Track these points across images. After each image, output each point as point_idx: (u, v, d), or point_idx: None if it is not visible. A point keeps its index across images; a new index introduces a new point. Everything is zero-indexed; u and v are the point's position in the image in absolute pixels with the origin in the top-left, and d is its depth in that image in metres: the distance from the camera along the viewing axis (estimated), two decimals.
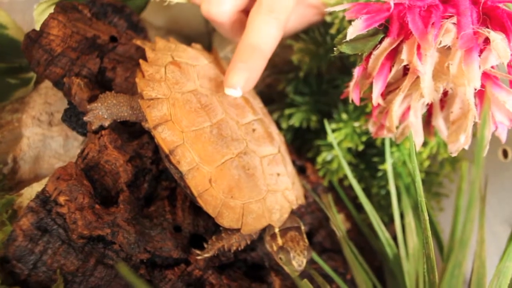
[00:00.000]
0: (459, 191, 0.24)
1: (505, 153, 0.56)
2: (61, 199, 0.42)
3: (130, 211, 0.44)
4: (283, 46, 0.70)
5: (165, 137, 0.44)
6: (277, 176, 0.48)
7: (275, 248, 0.46)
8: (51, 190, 0.42)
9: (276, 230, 0.47)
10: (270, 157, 0.48)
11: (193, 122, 0.45)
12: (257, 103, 0.54)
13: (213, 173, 0.45)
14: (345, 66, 0.66)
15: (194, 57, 0.51)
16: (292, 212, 0.50)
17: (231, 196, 0.45)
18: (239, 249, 0.47)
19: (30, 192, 0.51)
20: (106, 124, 0.48)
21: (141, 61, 0.48)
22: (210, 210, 0.45)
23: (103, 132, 0.47)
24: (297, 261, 0.44)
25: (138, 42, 0.54)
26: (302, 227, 0.48)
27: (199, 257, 0.46)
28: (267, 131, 0.50)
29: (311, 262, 0.51)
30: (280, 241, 0.46)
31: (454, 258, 0.23)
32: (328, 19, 0.56)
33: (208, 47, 0.78)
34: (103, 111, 0.47)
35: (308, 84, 0.66)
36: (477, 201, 0.23)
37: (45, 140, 0.59)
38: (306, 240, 0.46)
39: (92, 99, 0.49)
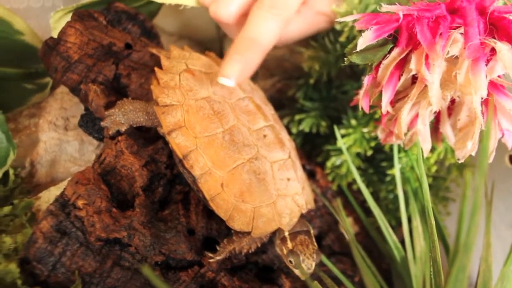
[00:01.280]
0: (464, 198, 0.25)
1: (511, 159, 0.56)
2: (80, 203, 0.43)
3: (146, 215, 0.46)
4: (293, 52, 0.71)
5: (179, 142, 0.46)
6: (287, 181, 0.49)
7: (285, 251, 0.47)
8: (70, 194, 0.44)
9: (286, 233, 0.47)
10: (281, 163, 0.49)
11: (206, 128, 0.47)
12: (268, 110, 0.55)
13: (225, 177, 0.46)
14: (354, 72, 0.67)
15: (207, 64, 0.52)
16: (302, 216, 0.50)
17: (242, 200, 0.46)
18: (250, 251, 0.49)
19: (48, 196, 0.52)
20: (123, 129, 0.49)
21: (156, 69, 0.50)
22: (222, 214, 0.46)
23: (119, 138, 0.48)
24: (306, 264, 0.45)
25: (154, 51, 0.55)
26: (311, 231, 0.49)
27: (211, 260, 0.47)
28: (277, 137, 0.51)
29: (320, 264, 0.52)
30: (290, 244, 0.47)
31: (459, 262, 0.24)
32: (338, 27, 0.57)
33: (220, 52, 0.79)
34: (120, 116, 0.49)
35: (318, 90, 0.67)
36: (481, 207, 0.24)
37: (61, 145, 0.60)
38: (315, 244, 0.47)
39: (109, 105, 0.50)
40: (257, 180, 0.47)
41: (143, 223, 0.45)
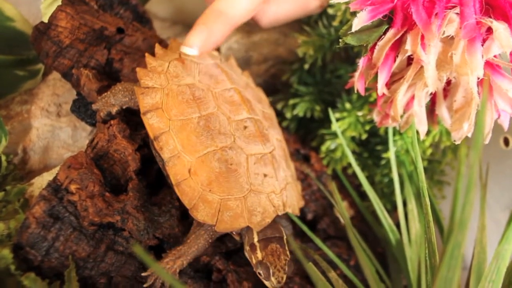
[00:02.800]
0: (458, 175, 0.25)
1: (506, 142, 0.56)
2: (72, 187, 0.43)
3: (139, 199, 0.45)
4: (287, 37, 0.71)
5: (152, 123, 0.45)
6: (263, 177, 0.47)
7: (254, 261, 0.44)
8: (62, 179, 0.43)
9: (256, 240, 0.44)
10: (258, 156, 0.47)
11: (182, 112, 0.46)
12: (260, 107, 0.53)
13: (193, 163, 0.44)
14: (349, 56, 0.67)
15: (201, 56, 0.52)
16: (278, 218, 0.48)
17: (209, 189, 0.44)
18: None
19: (41, 182, 0.52)
20: (114, 111, 0.49)
21: (147, 54, 0.49)
22: (186, 201, 0.44)
23: (112, 122, 0.48)
24: (276, 277, 0.42)
25: (157, 47, 0.53)
26: (285, 237, 0.46)
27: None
28: (261, 131, 0.49)
29: (315, 248, 0.52)
30: (259, 254, 0.44)
31: (454, 239, 0.24)
32: (331, 11, 0.57)
33: None
34: (111, 98, 0.48)
35: (312, 74, 0.66)
36: (476, 184, 0.24)
37: (54, 131, 0.60)
38: (288, 253, 0.44)
39: (101, 89, 0.50)
40: (227, 170, 0.45)
41: (136, 207, 0.45)
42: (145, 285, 0.43)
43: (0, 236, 0.45)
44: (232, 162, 0.45)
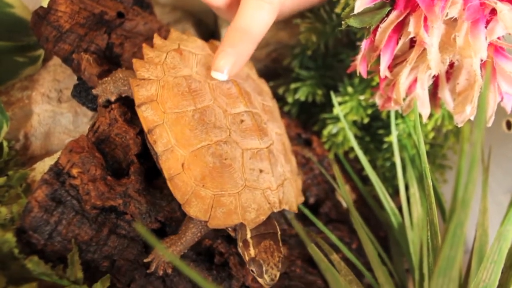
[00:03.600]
0: (461, 153, 0.25)
1: (508, 125, 0.56)
2: (74, 171, 0.43)
3: (141, 182, 0.45)
4: (289, 21, 0.70)
5: (146, 116, 0.44)
6: (259, 172, 0.45)
7: (247, 257, 0.43)
8: (64, 163, 0.43)
9: (248, 236, 0.43)
10: (254, 151, 0.46)
11: (177, 104, 0.45)
12: (261, 99, 0.52)
13: (186, 157, 0.43)
14: (351, 41, 0.66)
15: (200, 47, 0.51)
16: (273, 215, 0.47)
17: (202, 184, 0.43)
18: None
19: (42, 167, 0.52)
20: (113, 98, 0.48)
21: (144, 44, 0.49)
22: (179, 196, 0.43)
23: (113, 106, 0.48)
24: (269, 274, 0.42)
25: (155, 37, 0.52)
26: (279, 233, 0.45)
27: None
28: (258, 125, 0.47)
29: (317, 231, 0.52)
30: (252, 251, 0.43)
31: (456, 218, 0.24)
32: None
33: (214, 24, 0.78)
34: (111, 85, 0.48)
35: (314, 59, 0.66)
36: (479, 162, 0.24)
37: (55, 117, 0.59)
38: (282, 250, 0.44)
39: (102, 74, 0.50)
40: (221, 165, 0.44)
41: (138, 190, 0.45)
42: (148, 271, 0.44)
43: (3, 221, 0.45)
44: (226, 156, 0.44)
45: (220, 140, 0.44)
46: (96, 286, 0.42)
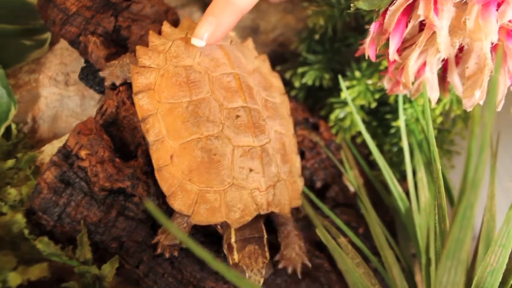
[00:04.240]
0: (472, 134, 0.25)
1: None
2: (82, 153, 0.43)
3: (149, 164, 0.45)
4: (296, 4, 0.70)
5: (142, 104, 0.44)
6: (248, 171, 0.44)
7: (230, 262, 0.43)
8: (72, 145, 0.44)
9: (233, 240, 0.43)
10: (246, 149, 0.44)
11: (173, 95, 0.45)
12: (265, 95, 0.50)
13: (176, 149, 0.43)
14: (359, 25, 0.65)
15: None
16: (259, 218, 0.45)
17: (189, 178, 0.43)
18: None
19: (51, 149, 0.52)
20: (118, 82, 0.48)
21: (151, 32, 0.49)
22: (165, 188, 0.43)
23: (120, 88, 0.48)
24: (253, 281, 0.41)
25: (164, 25, 0.52)
26: (265, 237, 0.44)
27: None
28: (254, 122, 0.46)
29: (324, 215, 0.52)
30: (236, 256, 0.42)
31: (466, 200, 0.24)
32: None
33: None
34: (118, 69, 0.48)
35: (321, 43, 0.65)
36: (489, 145, 0.24)
37: (62, 100, 0.60)
38: (267, 255, 0.43)
39: (109, 57, 0.49)
40: (209, 160, 0.43)
41: (146, 172, 0.45)
42: (156, 252, 0.44)
43: (12, 202, 0.45)
44: (216, 152, 0.43)
45: (211, 134, 0.44)
46: (105, 267, 0.43)
